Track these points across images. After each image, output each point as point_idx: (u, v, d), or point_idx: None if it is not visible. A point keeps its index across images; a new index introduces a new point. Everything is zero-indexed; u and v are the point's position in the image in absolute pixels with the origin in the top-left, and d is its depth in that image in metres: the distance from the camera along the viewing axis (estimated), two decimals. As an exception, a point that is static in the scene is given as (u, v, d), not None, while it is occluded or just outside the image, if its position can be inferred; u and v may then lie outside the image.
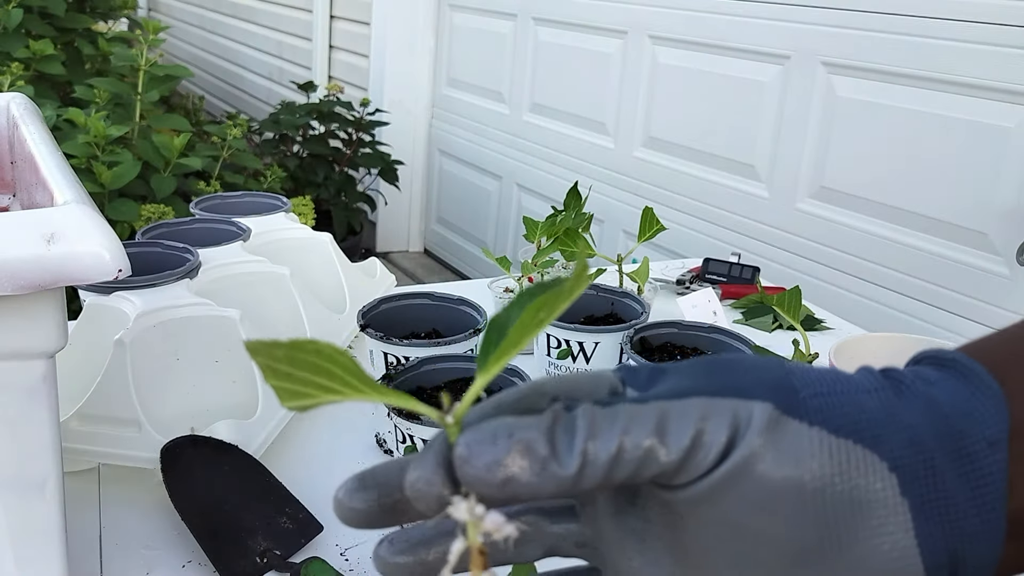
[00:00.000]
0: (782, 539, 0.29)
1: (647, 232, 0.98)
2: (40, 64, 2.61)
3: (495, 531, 0.28)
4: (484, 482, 0.28)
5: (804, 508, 0.28)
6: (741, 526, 0.29)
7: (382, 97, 3.32)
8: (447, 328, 0.83)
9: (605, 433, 0.28)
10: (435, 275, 3.33)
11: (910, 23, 1.73)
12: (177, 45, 5.54)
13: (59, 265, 0.45)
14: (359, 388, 0.29)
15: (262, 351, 0.28)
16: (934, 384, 0.31)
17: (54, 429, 0.51)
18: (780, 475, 0.28)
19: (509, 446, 0.28)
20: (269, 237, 0.99)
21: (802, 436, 0.29)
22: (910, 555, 0.28)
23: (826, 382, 0.30)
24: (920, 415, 0.30)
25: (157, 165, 2.35)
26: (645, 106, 2.39)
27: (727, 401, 0.29)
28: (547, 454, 0.28)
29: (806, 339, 0.81)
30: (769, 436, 0.28)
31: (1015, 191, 1.57)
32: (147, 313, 0.74)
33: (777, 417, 0.29)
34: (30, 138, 0.66)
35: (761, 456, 0.28)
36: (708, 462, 0.28)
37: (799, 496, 0.28)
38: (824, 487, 0.28)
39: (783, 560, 0.29)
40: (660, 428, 0.28)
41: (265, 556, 0.64)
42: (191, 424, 0.72)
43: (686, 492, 0.29)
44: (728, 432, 0.28)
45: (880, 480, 0.29)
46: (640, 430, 0.28)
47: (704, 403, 0.29)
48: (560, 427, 0.28)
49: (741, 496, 0.28)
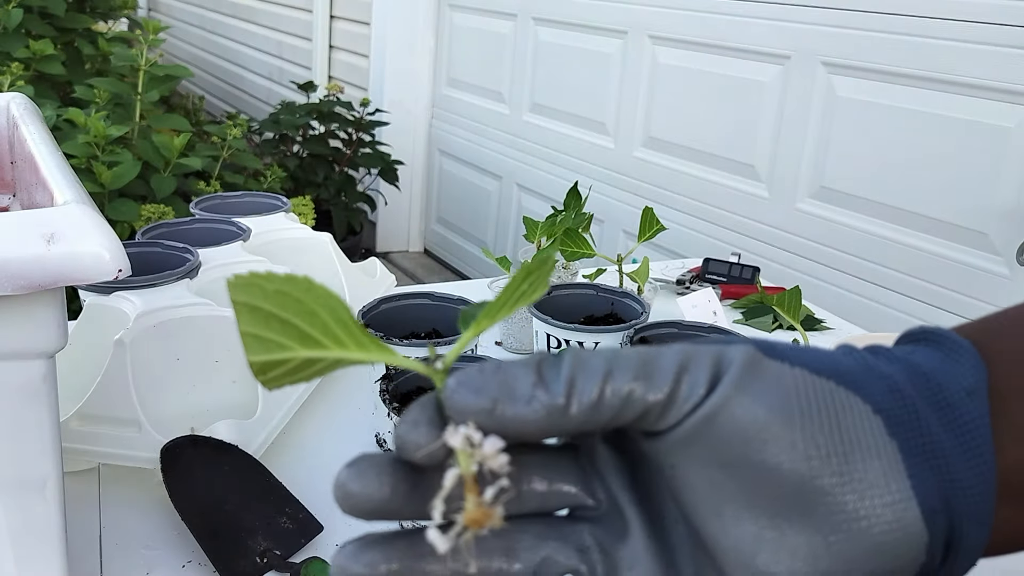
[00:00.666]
0: (778, 471, 0.28)
1: (647, 232, 0.98)
2: (40, 64, 2.61)
3: (493, 456, 0.27)
4: (474, 408, 0.27)
5: (794, 443, 0.28)
6: (734, 463, 0.28)
7: (382, 97, 3.32)
8: (447, 328, 0.83)
9: (591, 366, 0.28)
10: (435, 275, 3.33)
11: (910, 23, 1.73)
12: (177, 45, 5.54)
13: (59, 265, 0.45)
14: (340, 339, 0.28)
15: (246, 288, 0.27)
16: (910, 353, 0.32)
17: (54, 429, 0.51)
18: (767, 407, 0.28)
19: (497, 374, 0.28)
20: (269, 237, 0.99)
21: (784, 373, 0.29)
22: (905, 497, 0.28)
23: (798, 346, 0.31)
24: (897, 370, 0.30)
25: (157, 165, 2.35)
26: (645, 106, 2.39)
27: (709, 346, 0.30)
28: (535, 380, 0.28)
29: (806, 339, 0.81)
30: (751, 372, 0.29)
31: (1015, 191, 1.57)
32: (147, 313, 0.74)
33: (759, 358, 0.29)
34: (30, 138, 0.66)
35: (745, 389, 0.28)
36: (694, 398, 0.28)
37: (789, 428, 0.28)
38: (812, 421, 0.28)
39: (778, 499, 0.28)
40: (644, 367, 0.28)
41: (265, 556, 0.64)
42: (191, 424, 0.72)
43: (675, 434, 0.29)
44: (711, 370, 0.29)
45: (866, 420, 0.29)
46: (625, 367, 0.28)
47: (686, 347, 0.29)
48: (546, 362, 0.29)
49: (730, 430, 0.28)
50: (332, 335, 0.28)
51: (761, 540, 0.28)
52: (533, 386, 0.28)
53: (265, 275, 0.27)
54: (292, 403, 0.80)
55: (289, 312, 0.27)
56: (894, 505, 0.28)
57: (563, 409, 0.28)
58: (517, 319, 1.01)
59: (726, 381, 0.28)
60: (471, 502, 0.28)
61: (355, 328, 0.28)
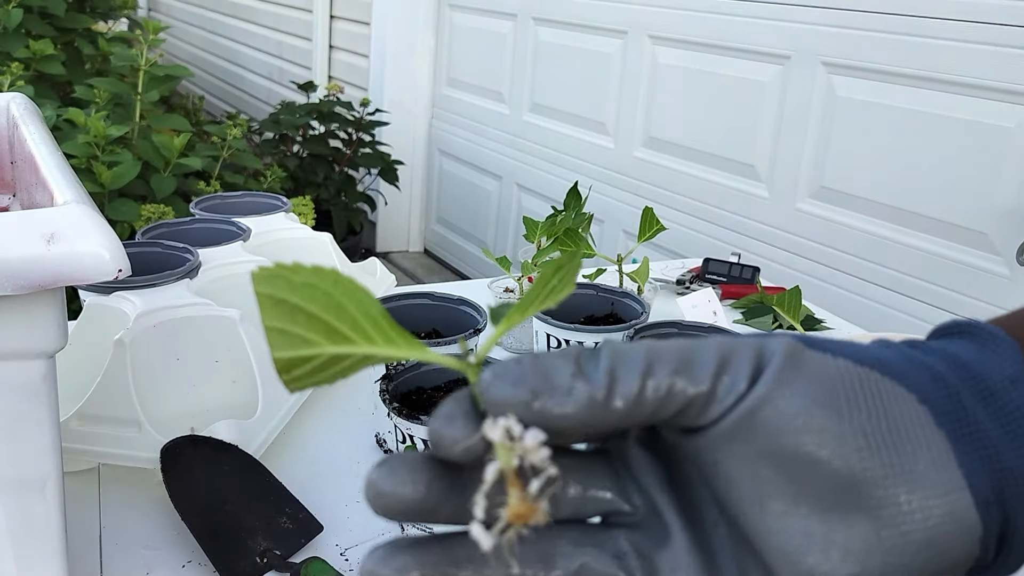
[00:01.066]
0: (828, 465, 0.27)
1: (647, 232, 0.98)
2: (40, 64, 2.61)
3: (534, 450, 0.26)
4: (512, 400, 0.26)
5: (842, 434, 0.27)
6: (780, 457, 0.27)
7: (382, 97, 3.32)
8: (447, 328, 0.83)
9: (630, 358, 0.27)
10: (435, 275, 3.33)
11: (910, 23, 1.73)
12: (177, 45, 5.54)
13: (59, 265, 0.45)
14: (369, 335, 0.27)
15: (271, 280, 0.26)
16: (946, 345, 0.31)
17: (54, 429, 0.51)
18: (812, 399, 0.27)
19: (535, 365, 0.27)
20: (269, 237, 0.99)
21: (827, 364, 0.28)
22: (958, 487, 0.27)
23: (837, 339, 0.30)
24: (937, 360, 0.30)
25: (157, 165, 2.35)
26: (645, 106, 2.39)
27: (749, 339, 0.29)
28: (574, 371, 0.27)
29: (806, 339, 0.81)
30: (794, 364, 0.28)
31: (1015, 191, 1.57)
32: (147, 313, 0.74)
33: (800, 349, 0.28)
34: (30, 138, 0.66)
35: (789, 381, 0.27)
36: (736, 392, 0.27)
37: (836, 420, 0.27)
38: (859, 412, 0.27)
39: (828, 495, 0.27)
40: (685, 360, 0.27)
41: (265, 556, 0.64)
42: (191, 424, 0.72)
43: (717, 429, 0.27)
44: (752, 362, 0.28)
45: (912, 409, 0.28)
46: (665, 360, 0.27)
47: (726, 340, 0.28)
48: (585, 354, 0.28)
49: (775, 424, 0.27)
50: (361, 330, 0.27)
51: (810, 538, 0.27)
52: (573, 377, 0.27)
53: (291, 266, 0.26)
54: (292, 403, 0.80)
55: (316, 306, 0.26)
56: (946, 496, 0.27)
57: (604, 402, 0.27)
58: (517, 319, 1.01)
59: (769, 373, 0.27)
60: (515, 497, 0.26)
61: (385, 323, 0.27)
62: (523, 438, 0.26)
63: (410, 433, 0.64)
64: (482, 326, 0.79)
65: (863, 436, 0.27)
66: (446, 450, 0.27)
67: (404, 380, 0.70)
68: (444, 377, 0.72)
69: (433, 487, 0.27)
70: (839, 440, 0.27)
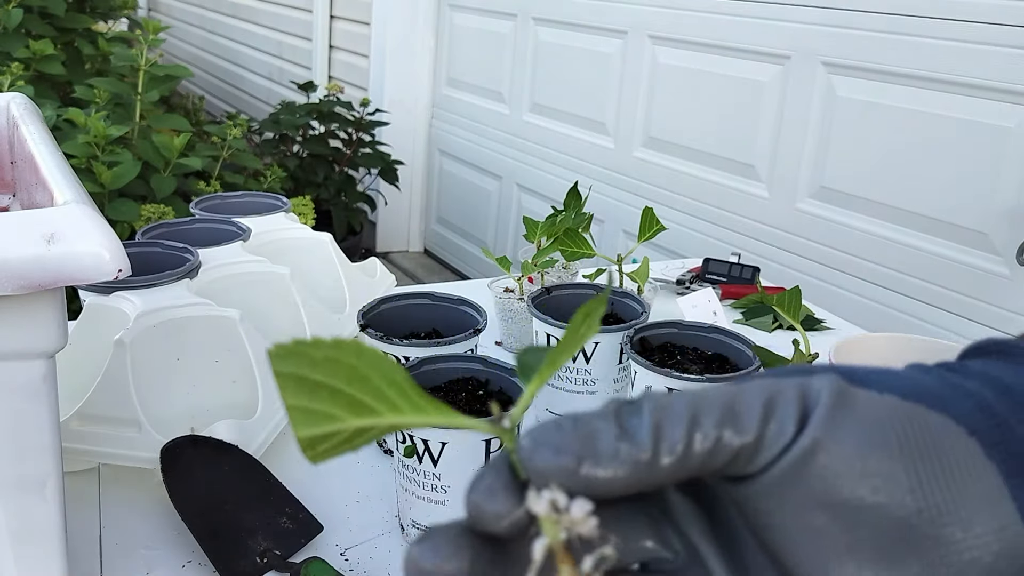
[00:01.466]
0: (881, 511, 0.26)
1: (647, 232, 0.98)
2: (40, 64, 2.61)
3: (582, 521, 0.25)
4: (556, 469, 0.25)
5: (895, 475, 0.26)
6: (833, 504, 0.27)
7: (382, 97, 3.32)
8: (447, 328, 0.83)
9: (674, 411, 0.27)
10: (435, 275, 3.33)
11: (910, 23, 1.73)
12: (177, 45, 5.55)
13: (59, 265, 0.45)
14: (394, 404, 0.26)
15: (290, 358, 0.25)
16: (984, 367, 0.30)
17: (54, 429, 0.51)
18: (863, 442, 0.26)
19: (576, 429, 0.26)
20: (269, 237, 0.99)
21: (874, 403, 0.27)
22: (1013, 522, 0.26)
23: (876, 368, 0.29)
24: (980, 386, 0.29)
25: (157, 165, 2.35)
26: (645, 106, 2.39)
27: (791, 379, 0.28)
28: (618, 432, 0.26)
29: (806, 339, 0.81)
30: (841, 405, 0.27)
31: (1015, 191, 1.57)
32: (147, 313, 0.74)
33: (845, 387, 0.27)
34: (30, 138, 0.66)
35: (839, 424, 0.27)
36: (784, 439, 0.27)
37: (888, 462, 0.26)
38: (911, 451, 0.27)
39: (884, 539, 0.26)
40: (729, 408, 0.27)
41: (265, 556, 0.64)
42: (191, 424, 0.72)
43: (766, 477, 0.27)
44: (798, 405, 0.27)
45: (962, 443, 0.27)
46: (710, 409, 0.27)
47: (768, 383, 0.28)
48: (625, 410, 0.27)
49: (826, 469, 0.26)
50: (386, 400, 0.26)
51: None
52: (617, 439, 0.26)
53: (311, 342, 0.26)
54: (292, 403, 0.80)
55: (339, 380, 0.26)
56: (1001, 532, 0.26)
57: (651, 462, 0.26)
58: (517, 319, 1.01)
59: (817, 417, 0.27)
60: (567, 574, 0.25)
61: (410, 390, 0.27)
62: (569, 509, 0.25)
63: (410, 433, 0.64)
64: (482, 326, 0.79)
65: (916, 476, 0.26)
66: (489, 525, 0.26)
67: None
68: (444, 377, 0.72)
69: (477, 562, 0.26)
70: (893, 483, 0.26)
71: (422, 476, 0.65)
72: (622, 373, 0.83)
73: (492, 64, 3.01)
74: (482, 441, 0.63)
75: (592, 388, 0.83)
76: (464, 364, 0.72)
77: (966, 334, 1.66)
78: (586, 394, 0.83)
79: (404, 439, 0.65)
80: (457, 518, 0.27)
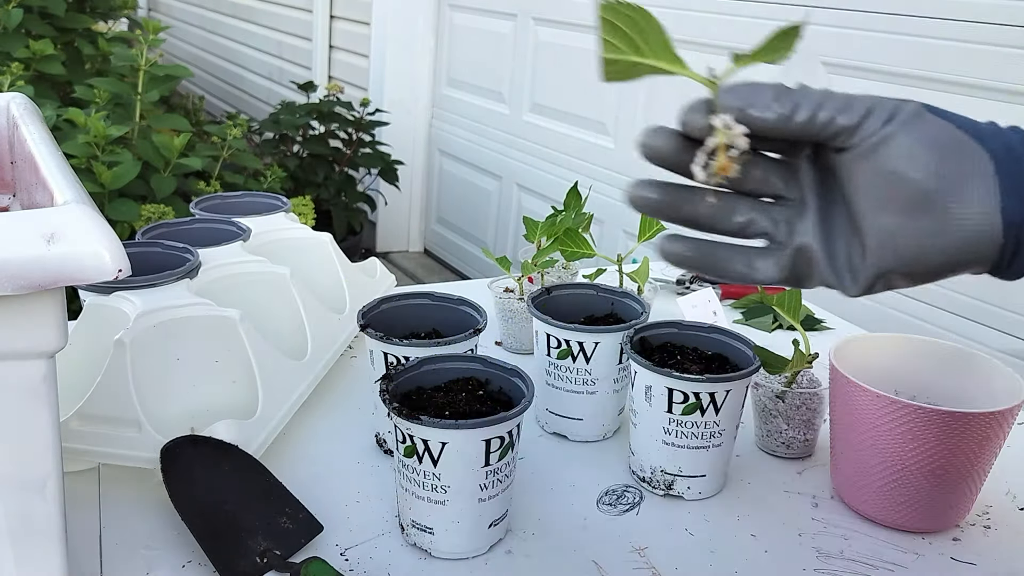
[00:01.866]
0: (916, 182, 0.44)
1: (647, 232, 0.98)
2: (40, 64, 2.61)
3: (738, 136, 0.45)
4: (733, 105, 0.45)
5: (930, 165, 0.44)
6: (889, 172, 0.44)
7: (382, 97, 3.32)
8: (447, 328, 0.83)
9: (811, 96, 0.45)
10: (435, 275, 3.34)
11: (910, 23, 1.73)
12: (177, 45, 5.55)
13: (59, 265, 0.45)
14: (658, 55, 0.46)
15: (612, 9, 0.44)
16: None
17: (54, 429, 0.51)
18: (919, 140, 0.44)
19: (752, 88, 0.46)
20: (269, 237, 0.99)
21: (937, 123, 0.45)
22: (994, 211, 0.43)
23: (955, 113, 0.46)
24: (1013, 135, 0.45)
25: (157, 165, 2.35)
26: (645, 106, 2.39)
27: (892, 99, 0.45)
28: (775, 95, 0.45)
29: (806, 339, 0.81)
30: (916, 118, 0.45)
31: (1015, 191, 1.57)
32: (147, 313, 0.74)
33: (923, 111, 0.45)
34: (30, 138, 0.66)
35: (909, 128, 0.44)
36: (873, 127, 0.44)
37: (930, 156, 0.44)
38: (946, 155, 0.44)
39: (911, 200, 0.44)
40: (847, 102, 0.45)
41: (265, 556, 0.64)
42: (191, 424, 0.72)
43: (857, 150, 0.45)
44: (889, 112, 0.45)
45: (982, 161, 0.44)
46: (835, 100, 0.45)
47: (877, 97, 0.45)
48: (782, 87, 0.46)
49: (892, 152, 0.44)
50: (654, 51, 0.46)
51: (897, 226, 0.45)
52: (772, 100, 0.45)
53: (626, 4, 0.44)
54: (292, 403, 0.80)
55: (633, 30, 0.45)
56: (984, 214, 0.44)
57: (787, 118, 0.45)
58: (517, 319, 1.01)
59: (897, 120, 0.44)
60: (722, 157, 0.46)
61: (669, 50, 0.46)
62: (734, 128, 0.45)
63: (410, 433, 0.64)
64: (482, 326, 0.79)
65: (944, 168, 0.44)
66: (690, 127, 0.47)
67: (404, 380, 0.70)
68: (444, 377, 0.72)
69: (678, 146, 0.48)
70: (928, 170, 0.44)
71: (422, 476, 0.65)
72: (622, 373, 0.83)
73: (492, 64, 3.01)
74: (482, 441, 0.63)
75: (592, 388, 0.83)
76: (464, 364, 0.72)
77: (966, 334, 1.66)
78: (586, 394, 0.83)
79: (404, 439, 0.65)
80: None
